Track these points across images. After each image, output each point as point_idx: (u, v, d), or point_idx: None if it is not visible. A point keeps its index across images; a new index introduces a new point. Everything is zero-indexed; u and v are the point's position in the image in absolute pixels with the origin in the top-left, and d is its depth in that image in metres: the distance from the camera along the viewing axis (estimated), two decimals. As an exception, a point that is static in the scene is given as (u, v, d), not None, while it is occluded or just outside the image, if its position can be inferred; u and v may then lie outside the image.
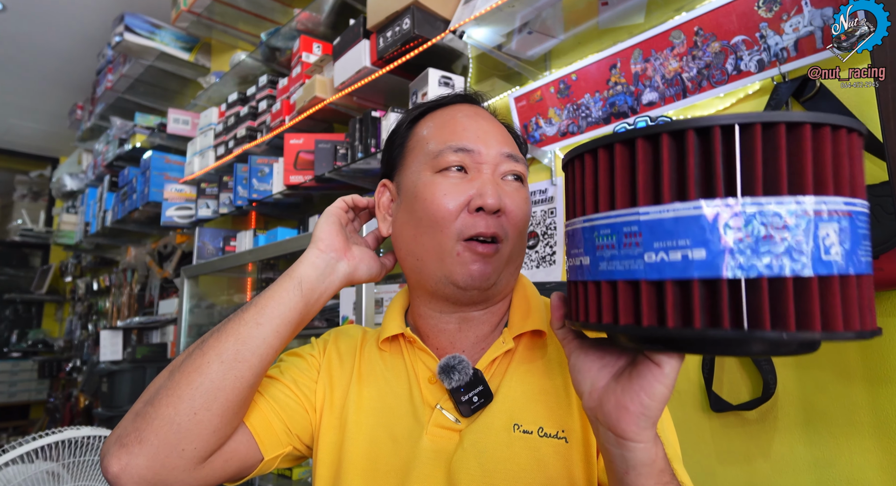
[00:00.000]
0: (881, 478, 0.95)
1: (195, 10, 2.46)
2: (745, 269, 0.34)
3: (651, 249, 0.36)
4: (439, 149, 0.66)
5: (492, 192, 0.62)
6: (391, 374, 0.70)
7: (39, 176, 5.61)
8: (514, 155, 0.67)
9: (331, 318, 1.72)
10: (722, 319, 0.35)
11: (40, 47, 3.65)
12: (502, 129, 0.71)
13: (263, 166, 2.14)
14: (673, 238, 0.36)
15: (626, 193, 0.39)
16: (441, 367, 0.63)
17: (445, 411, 0.64)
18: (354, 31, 1.69)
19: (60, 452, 1.35)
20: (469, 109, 0.72)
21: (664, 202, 0.36)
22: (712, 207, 0.35)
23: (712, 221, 0.34)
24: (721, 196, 0.35)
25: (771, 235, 0.34)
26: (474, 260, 0.62)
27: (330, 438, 0.67)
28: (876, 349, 0.98)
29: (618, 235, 0.38)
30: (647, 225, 0.37)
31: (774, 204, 0.34)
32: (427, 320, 0.70)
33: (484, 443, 0.60)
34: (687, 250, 0.35)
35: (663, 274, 0.36)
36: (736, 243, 0.34)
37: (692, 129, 0.36)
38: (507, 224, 0.64)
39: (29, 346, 4.95)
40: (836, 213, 0.35)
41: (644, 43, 1.25)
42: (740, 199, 0.34)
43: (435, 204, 0.63)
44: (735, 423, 1.13)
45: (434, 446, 0.62)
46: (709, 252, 0.34)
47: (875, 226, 0.91)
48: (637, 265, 0.37)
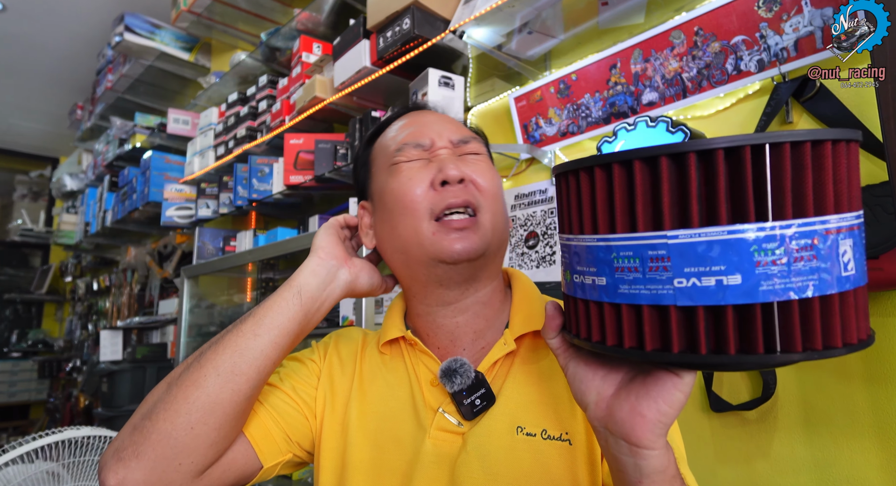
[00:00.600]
0: (881, 478, 0.95)
1: (195, 10, 2.46)
2: (778, 293, 0.34)
3: (682, 274, 0.36)
4: (396, 149, 0.69)
5: (452, 165, 0.64)
6: (392, 377, 0.69)
7: (39, 176, 5.61)
8: (466, 138, 0.70)
9: (331, 318, 1.72)
10: (756, 344, 0.35)
11: (40, 47, 3.65)
12: (454, 121, 0.74)
13: (263, 166, 2.14)
14: (706, 264, 0.35)
15: (650, 215, 0.37)
16: (443, 370, 0.63)
17: (448, 414, 0.63)
18: (354, 31, 1.69)
19: (60, 452, 1.35)
20: (417, 114, 0.75)
21: (693, 226, 0.36)
22: (747, 232, 0.34)
23: (748, 247, 0.34)
24: (753, 220, 0.34)
25: (802, 258, 0.34)
26: (453, 236, 0.63)
27: (332, 443, 0.67)
28: (876, 349, 0.98)
29: (642, 259, 0.37)
30: (677, 249, 0.36)
31: (804, 226, 0.34)
32: (425, 319, 0.70)
33: (487, 446, 0.60)
34: (721, 275, 0.35)
35: (695, 300, 0.36)
36: (770, 268, 0.34)
37: (721, 149, 0.35)
38: (477, 192, 0.65)
39: (29, 346, 4.95)
40: (852, 228, 0.36)
41: (644, 43, 1.25)
42: (771, 222, 0.34)
43: (401, 190, 0.65)
44: (735, 423, 1.13)
45: (437, 449, 0.62)
46: (744, 278, 0.34)
47: (875, 226, 0.91)
48: (665, 290, 0.36)
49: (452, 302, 0.68)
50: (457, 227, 0.63)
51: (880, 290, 0.95)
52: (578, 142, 1.42)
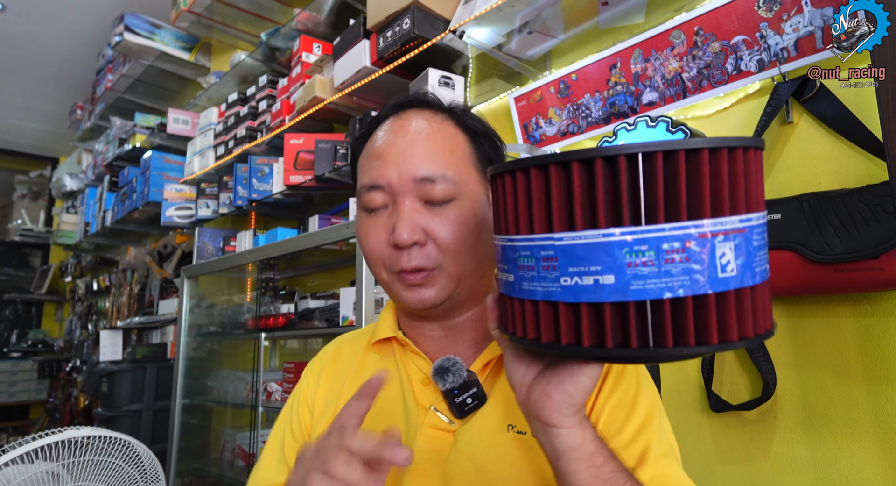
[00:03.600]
0: (881, 478, 0.95)
1: (195, 9, 2.46)
2: (650, 292, 0.37)
3: (566, 273, 0.39)
4: (360, 187, 0.66)
5: (405, 226, 0.60)
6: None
7: (39, 176, 5.61)
8: (429, 177, 0.61)
9: (330, 318, 1.72)
10: (630, 339, 0.38)
11: (40, 47, 3.65)
12: (428, 137, 0.64)
13: (263, 166, 2.14)
14: (586, 264, 0.38)
15: (543, 219, 0.41)
16: (435, 368, 0.63)
17: (440, 412, 0.64)
18: (354, 31, 1.69)
19: (60, 452, 1.35)
20: (392, 125, 0.66)
21: (577, 229, 0.39)
22: (620, 235, 0.37)
23: (620, 249, 0.37)
24: (627, 224, 0.37)
25: (673, 259, 0.36)
26: (408, 289, 0.63)
27: None
28: (876, 349, 0.98)
29: (536, 259, 0.41)
30: (562, 250, 0.39)
31: (675, 230, 0.36)
32: (413, 328, 0.71)
33: (478, 444, 0.60)
34: (598, 275, 0.38)
35: (578, 297, 0.39)
36: (641, 269, 0.37)
37: (600, 158, 0.38)
38: (437, 253, 0.62)
39: (29, 346, 4.94)
40: (732, 232, 0.37)
41: (644, 43, 1.25)
42: (644, 226, 0.37)
43: (364, 244, 0.66)
44: (735, 423, 1.13)
45: (428, 447, 0.62)
46: (617, 278, 0.37)
47: (875, 226, 0.91)
48: (554, 287, 0.40)
49: (438, 321, 0.69)
50: (410, 284, 0.62)
51: (880, 290, 0.95)
52: (578, 142, 1.42)
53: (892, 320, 0.96)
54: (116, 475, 1.43)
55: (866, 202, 0.92)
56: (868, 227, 0.91)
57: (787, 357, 1.07)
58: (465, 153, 0.66)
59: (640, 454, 0.56)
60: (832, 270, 0.94)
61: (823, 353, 1.03)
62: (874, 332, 0.98)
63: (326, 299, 1.90)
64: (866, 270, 0.91)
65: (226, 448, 2.08)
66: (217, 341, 2.35)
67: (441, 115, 0.67)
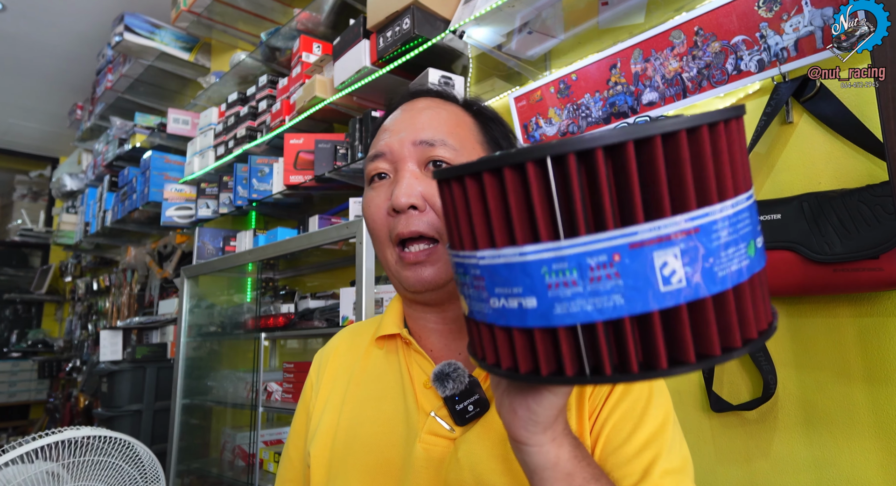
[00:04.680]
0: (881, 478, 0.95)
1: (195, 9, 2.46)
2: (577, 316, 0.31)
3: (494, 294, 0.34)
4: (365, 162, 0.66)
5: (403, 189, 0.60)
6: (386, 377, 0.68)
7: (39, 176, 5.61)
8: (428, 140, 0.62)
9: (330, 318, 1.72)
10: (564, 366, 0.33)
11: (40, 47, 3.65)
12: (433, 111, 0.65)
13: (263, 166, 2.14)
14: (508, 285, 0.33)
15: (468, 235, 0.36)
16: (435, 374, 0.60)
17: (440, 418, 0.61)
18: (354, 31, 1.69)
19: (60, 452, 1.35)
20: (404, 106, 0.68)
21: (498, 246, 0.33)
22: (535, 253, 0.32)
23: (536, 269, 0.32)
24: (545, 239, 0.32)
25: (598, 277, 0.30)
26: (407, 267, 0.62)
27: (324, 441, 0.67)
28: (876, 349, 0.98)
29: (469, 276, 0.36)
30: (486, 270, 0.34)
31: (599, 242, 0.30)
32: (416, 321, 0.69)
33: (479, 454, 0.58)
34: (520, 298, 0.33)
35: (508, 321, 0.34)
36: (563, 289, 0.31)
37: (509, 166, 0.32)
38: (437, 220, 0.60)
39: (29, 346, 4.94)
40: (677, 235, 0.30)
41: (644, 43, 1.25)
42: (563, 241, 0.31)
43: (365, 216, 0.65)
44: (735, 423, 1.13)
45: (426, 454, 0.60)
46: (539, 301, 0.32)
47: (875, 226, 0.91)
48: (486, 310, 0.35)
49: (440, 312, 0.67)
50: (410, 261, 0.61)
51: (880, 290, 0.95)
52: (578, 142, 1.42)
53: (892, 320, 0.96)
54: (116, 475, 1.43)
55: (866, 202, 0.92)
56: (868, 227, 0.91)
57: (787, 357, 1.07)
58: (469, 130, 0.66)
59: (643, 469, 0.53)
60: (832, 270, 0.94)
61: (823, 353, 1.03)
62: (874, 332, 0.98)
63: (326, 299, 1.90)
64: (866, 270, 0.91)
65: (226, 448, 2.08)
66: (217, 341, 2.36)
67: (451, 101, 0.69)
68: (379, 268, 1.53)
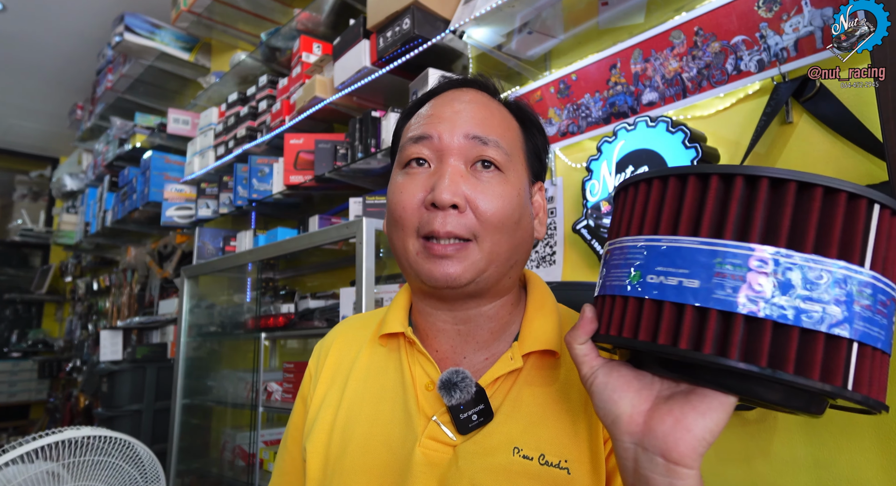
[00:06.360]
0: (881, 478, 0.95)
1: (195, 10, 2.46)
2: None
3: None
4: (403, 142, 0.63)
5: (447, 185, 0.57)
6: (386, 376, 0.66)
7: (39, 176, 5.62)
8: (482, 137, 0.59)
9: (331, 318, 1.72)
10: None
11: (40, 47, 3.65)
12: (485, 108, 0.63)
13: (263, 166, 2.14)
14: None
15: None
16: (442, 382, 0.59)
17: (442, 424, 0.59)
18: (354, 31, 1.69)
19: (60, 452, 1.35)
20: (452, 94, 0.65)
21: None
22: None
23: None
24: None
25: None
26: (431, 260, 0.58)
27: (320, 437, 0.65)
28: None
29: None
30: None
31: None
32: (426, 318, 0.66)
33: (479, 464, 0.56)
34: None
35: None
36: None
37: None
38: (476, 222, 0.58)
39: (29, 346, 4.95)
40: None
41: (644, 43, 1.25)
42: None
43: (393, 201, 0.61)
44: (735, 423, 1.13)
45: (426, 459, 0.58)
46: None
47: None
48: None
49: (453, 310, 0.64)
50: (437, 254, 0.58)
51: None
52: (578, 142, 1.42)
53: (891, 320, 0.96)
54: (117, 474, 1.43)
55: (866, 202, 0.92)
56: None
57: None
58: (516, 137, 0.64)
59: None
60: (832, 270, 0.94)
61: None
62: (874, 332, 0.98)
63: (326, 299, 1.90)
64: (866, 270, 0.91)
65: (226, 448, 2.08)
66: (217, 341, 2.36)
67: (498, 100, 0.67)
68: (379, 268, 1.53)
